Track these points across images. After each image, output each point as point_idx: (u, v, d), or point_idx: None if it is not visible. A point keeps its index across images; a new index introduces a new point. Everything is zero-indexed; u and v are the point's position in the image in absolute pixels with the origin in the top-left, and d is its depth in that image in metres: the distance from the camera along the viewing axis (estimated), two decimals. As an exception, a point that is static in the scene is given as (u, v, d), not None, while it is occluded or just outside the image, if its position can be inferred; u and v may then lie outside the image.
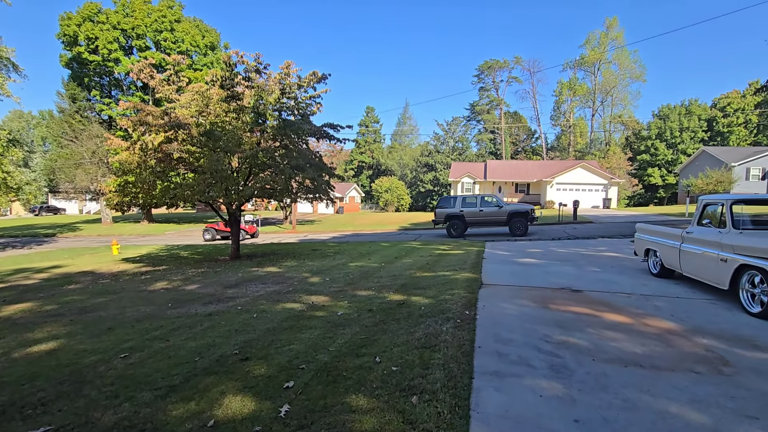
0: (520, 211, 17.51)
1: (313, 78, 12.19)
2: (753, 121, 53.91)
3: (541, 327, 4.51)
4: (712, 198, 6.11)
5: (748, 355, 3.68)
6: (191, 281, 9.00)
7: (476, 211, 17.85)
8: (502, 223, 17.54)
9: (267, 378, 3.42)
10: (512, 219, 17.26)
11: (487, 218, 17.77)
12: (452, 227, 18.06)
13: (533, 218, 17.43)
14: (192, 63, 34.02)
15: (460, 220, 17.92)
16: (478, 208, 17.88)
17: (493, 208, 17.75)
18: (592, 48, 60.57)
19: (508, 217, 17.36)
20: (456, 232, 17.98)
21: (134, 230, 31.20)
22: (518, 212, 17.48)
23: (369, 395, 3.00)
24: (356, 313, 5.36)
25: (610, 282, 6.96)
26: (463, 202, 18.24)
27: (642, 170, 53.03)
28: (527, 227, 17.21)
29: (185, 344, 4.48)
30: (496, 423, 2.63)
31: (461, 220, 17.91)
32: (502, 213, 17.53)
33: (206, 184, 10.80)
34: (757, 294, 4.80)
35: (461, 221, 17.91)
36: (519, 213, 17.44)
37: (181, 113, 11.08)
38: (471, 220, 17.91)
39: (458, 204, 18.19)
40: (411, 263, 9.88)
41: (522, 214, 17.36)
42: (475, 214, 17.85)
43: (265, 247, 17.29)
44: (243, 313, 5.74)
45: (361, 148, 71.17)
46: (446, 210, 18.28)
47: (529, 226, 17.45)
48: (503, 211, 17.55)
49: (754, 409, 2.75)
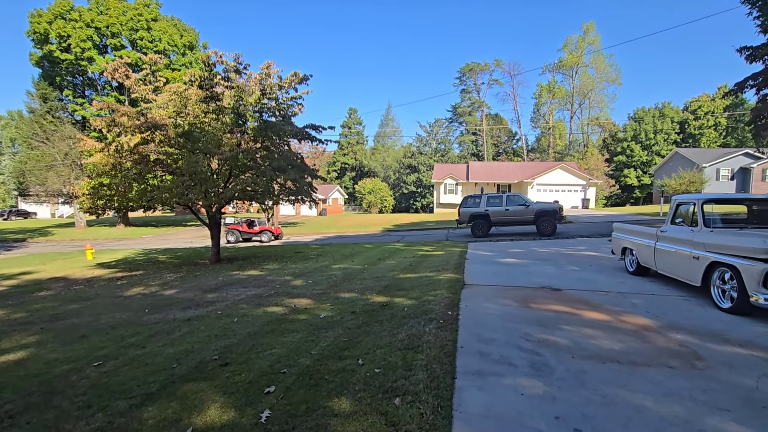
0: (548, 210, 16.88)
1: (294, 79, 12.08)
2: (722, 124, 56.17)
3: (522, 326, 4.57)
4: (684, 198, 6.32)
5: (720, 349, 3.81)
6: (169, 286, 8.77)
7: (502, 210, 17.31)
8: (529, 222, 16.98)
9: (248, 383, 3.35)
10: (540, 218, 16.67)
11: (513, 217, 17.20)
12: (477, 227, 17.46)
13: (561, 217, 16.90)
14: (170, 63, 33.29)
15: (485, 220, 17.38)
16: (504, 207, 17.32)
17: (520, 207, 17.17)
18: (570, 52, 61.99)
19: (536, 216, 16.77)
20: (481, 232, 17.37)
21: (110, 234, 30.29)
22: (546, 211, 16.83)
23: (352, 398, 2.98)
24: (339, 315, 5.32)
25: (588, 280, 7.11)
26: (488, 201, 17.70)
27: (619, 171, 54.55)
28: (555, 226, 16.71)
29: (163, 351, 4.36)
30: (479, 422, 2.64)
31: (486, 220, 17.38)
32: (529, 212, 16.94)
33: (185, 186, 10.56)
34: (728, 290, 4.98)
35: (486, 221, 17.37)
36: (547, 212, 16.79)
37: (159, 114, 10.81)
38: (496, 219, 17.39)
39: (483, 203, 17.66)
40: (394, 264, 9.88)
41: (550, 212, 16.76)
42: (500, 214, 17.31)
43: (246, 250, 17.03)
44: (223, 318, 5.62)
45: (344, 150, 71.03)
46: (471, 209, 17.73)
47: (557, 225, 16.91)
48: (530, 209, 16.97)
49: (725, 402, 2.84)
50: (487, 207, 17.49)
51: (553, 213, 16.74)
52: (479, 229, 17.44)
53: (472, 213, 17.67)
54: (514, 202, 17.48)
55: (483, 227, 17.38)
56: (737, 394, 2.96)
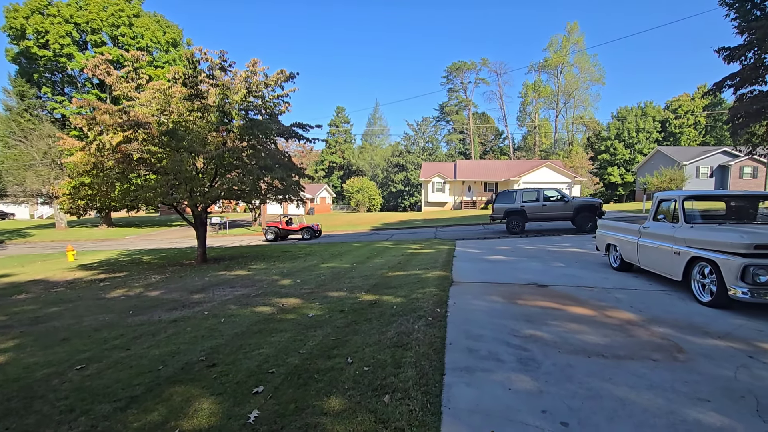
0: (588, 205, 16.23)
1: (280, 76, 11.96)
2: (702, 123, 57.62)
3: (509, 322, 4.62)
4: (665, 195, 6.46)
5: (700, 342, 3.91)
6: (154, 287, 8.63)
7: (539, 205, 16.73)
8: (568, 217, 16.32)
9: (235, 384, 3.32)
10: (579, 213, 16.01)
11: (551, 213, 16.57)
12: (512, 223, 16.86)
13: (602, 212, 15.99)
14: (153, 60, 32.67)
15: (521, 216, 16.78)
16: (541, 203, 16.74)
17: (558, 203, 16.62)
18: (555, 51, 62.80)
19: (575, 211, 16.13)
20: (517, 228, 16.75)
21: (92, 235, 29.61)
22: (586, 206, 16.18)
23: (341, 396, 2.97)
24: (328, 314, 5.30)
25: (574, 276, 7.23)
26: (523, 197, 17.17)
27: (602, 169, 55.52)
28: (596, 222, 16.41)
29: (148, 352, 4.29)
30: (467, 418, 2.66)
31: (522, 216, 16.77)
32: (568, 207, 16.34)
33: (169, 185, 10.38)
34: (707, 284, 5.12)
35: (522, 217, 16.77)
36: (587, 206, 16.12)
37: (141, 112, 10.59)
38: (533, 215, 16.78)
39: (519, 199, 17.10)
40: (383, 263, 9.89)
41: (590, 207, 16.06)
42: (537, 209, 16.72)
43: (233, 250, 16.84)
44: (210, 318, 5.55)
45: (332, 149, 70.70)
46: (506, 205, 17.24)
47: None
48: (569, 205, 16.39)
49: (706, 392, 2.93)
50: (523, 203, 16.95)
51: (594, 208, 16.06)
52: (515, 225, 16.84)
53: (507, 209, 17.10)
54: (551, 197, 16.92)
55: (518, 223, 16.80)
56: (717, 384, 3.04)
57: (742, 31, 11.85)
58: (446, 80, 72.28)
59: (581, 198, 17.89)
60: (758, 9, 11.82)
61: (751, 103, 12.08)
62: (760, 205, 6.30)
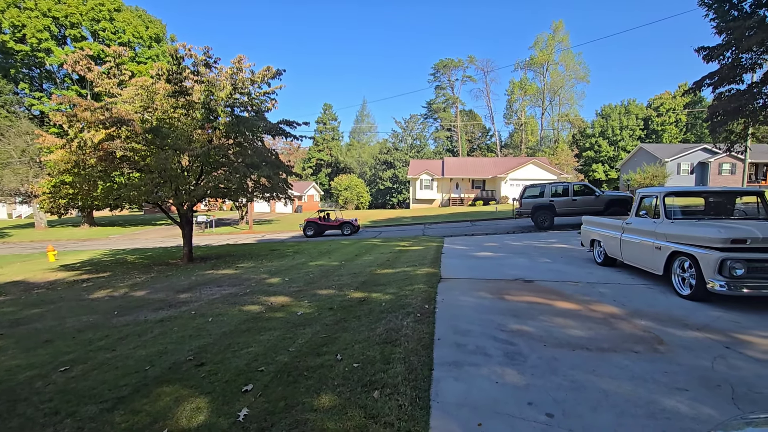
0: (619, 199, 15.74)
1: (267, 73, 11.85)
2: (682, 120, 59.00)
3: (497, 317, 4.69)
4: (647, 191, 6.62)
5: (679, 334, 4.04)
6: (139, 287, 8.49)
7: (568, 200, 16.34)
8: (599, 212, 15.40)
9: (224, 383, 3.31)
10: (610, 207, 15.47)
11: (581, 208, 15.91)
12: (540, 218, 16.51)
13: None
14: (135, 56, 32.02)
15: (550, 211, 16.40)
16: (571, 197, 16.35)
17: (589, 197, 16.15)
18: (541, 50, 63.48)
19: (606, 205, 15.58)
20: (545, 224, 16.44)
21: (73, 235, 28.94)
22: (617, 200, 15.68)
23: (330, 393, 2.99)
24: (317, 312, 5.30)
25: (559, 272, 7.36)
26: (552, 191, 16.83)
27: (587, 166, 56.47)
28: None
29: (134, 353, 4.23)
30: (456, 411, 2.71)
31: (551, 211, 16.39)
32: (598, 202, 15.79)
33: (154, 184, 10.20)
34: (687, 278, 5.27)
35: (551, 212, 16.39)
36: (618, 200, 15.63)
37: (124, 109, 10.37)
38: (562, 210, 16.35)
39: (547, 193, 16.80)
40: (371, 260, 9.90)
41: (621, 201, 15.58)
42: (567, 204, 16.30)
43: (220, 249, 16.66)
44: (197, 318, 5.50)
45: (319, 146, 70.33)
46: (534, 200, 16.90)
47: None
48: (600, 199, 15.86)
49: (684, 382, 3.03)
50: (551, 197, 16.64)
51: (625, 202, 15.54)
52: (543, 221, 16.50)
53: (535, 204, 16.74)
54: (581, 191, 16.52)
55: (547, 218, 16.47)
56: (695, 374, 3.15)
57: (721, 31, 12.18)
58: (434, 77, 72.58)
59: (611, 192, 17.56)
60: (735, 9, 12.16)
61: (729, 102, 12.43)
62: (737, 201, 6.50)
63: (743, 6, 12.12)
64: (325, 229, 21.69)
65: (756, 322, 4.34)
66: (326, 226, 21.50)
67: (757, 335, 3.98)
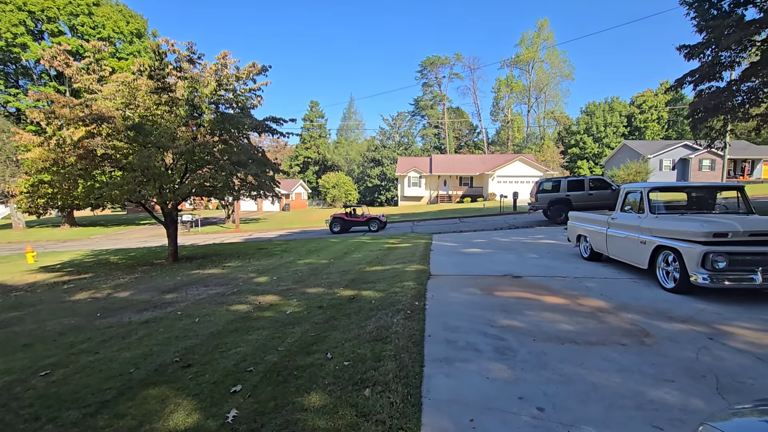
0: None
1: (252, 69, 11.66)
2: (664, 118, 60.28)
3: (486, 313, 4.71)
4: (632, 187, 6.73)
5: (665, 326, 4.11)
6: (123, 288, 8.31)
7: (584, 194, 16.21)
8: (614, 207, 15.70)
9: (212, 384, 3.24)
10: None
11: (596, 202, 15.74)
12: (556, 213, 16.37)
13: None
14: (116, 51, 31.25)
15: (566, 205, 16.20)
16: (587, 191, 16.26)
17: (604, 191, 16.10)
18: (527, 47, 64.07)
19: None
20: (561, 218, 16.00)
21: (53, 235, 28.19)
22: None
23: (321, 392, 2.95)
24: (306, 310, 5.25)
25: (547, 267, 7.44)
26: (568, 186, 16.68)
27: (573, 163, 57.31)
28: None
29: (118, 355, 4.13)
30: (447, 407, 2.70)
31: (567, 205, 16.19)
32: (614, 195, 15.46)
33: (137, 182, 9.97)
34: (671, 271, 5.37)
35: (567, 206, 16.14)
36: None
37: (105, 105, 10.09)
38: (578, 204, 16.05)
39: (563, 187, 16.68)
40: (361, 258, 9.87)
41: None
42: (583, 198, 16.15)
43: (206, 248, 16.41)
44: (183, 318, 5.39)
45: (307, 144, 69.83)
46: (550, 194, 16.75)
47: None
48: (616, 192, 15.24)
49: (671, 373, 3.08)
50: (567, 191, 16.57)
51: None
52: (558, 215, 16.28)
53: (551, 198, 16.64)
54: (597, 185, 16.45)
55: (563, 212, 16.08)
56: (680, 366, 3.21)
57: (701, 30, 12.45)
58: (421, 75, 72.62)
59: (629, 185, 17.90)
60: (715, 9, 12.44)
61: (709, 99, 12.73)
62: (718, 196, 6.65)
63: (722, 5, 12.41)
64: (352, 225, 20.76)
65: (737, 314, 4.44)
66: (353, 221, 20.62)
67: (739, 326, 4.07)
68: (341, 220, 20.63)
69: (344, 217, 20.70)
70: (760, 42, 11.99)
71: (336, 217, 20.86)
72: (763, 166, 38.51)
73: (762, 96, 12.48)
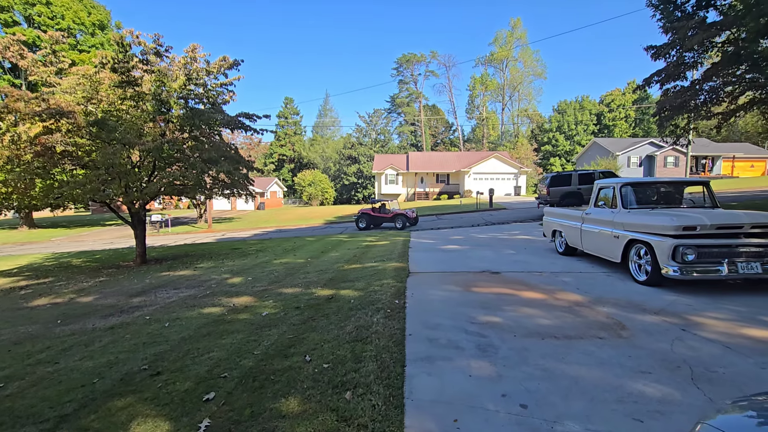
0: None
1: (223, 63, 11.27)
2: (631, 116, 62.61)
3: (466, 309, 4.69)
4: (604, 182, 6.88)
5: (640, 318, 4.20)
6: (87, 292, 7.87)
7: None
8: None
9: (183, 392, 3.07)
10: None
11: None
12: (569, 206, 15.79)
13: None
14: (77, 43, 29.72)
15: (579, 199, 16.17)
16: None
17: None
18: (500, 46, 65.10)
19: None
20: None
21: (10, 238, 26.60)
22: None
23: (300, 397, 2.84)
24: (283, 312, 5.09)
25: (524, 262, 7.53)
26: (579, 179, 16.60)
27: (546, 160, 58.77)
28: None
29: (80, 365, 3.87)
30: (430, 408, 2.64)
31: (580, 199, 16.16)
32: None
33: (100, 181, 9.45)
34: (643, 264, 5.51)
35: (579, 200, 16.13)
36: None
37: (64, 99, 9.51)
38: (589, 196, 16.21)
39: (575, 181, 16.63)
40: (338, 256, 9.73)
41: None
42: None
43: (177, 249, 15.83)
44: (152, 323, 5.13)
45: (281, 141, 68.65)
46: (562, 188, 16.57)
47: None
48: None
49: (647, 365, 3.13)
50: (579, 185, 16.58)
51: None
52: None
53: (564, 192, 16.45)
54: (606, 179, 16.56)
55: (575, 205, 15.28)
56: (656, 357, 3.27)
57: (666, 31, 12.93)
58: (397, 72, 72.66)
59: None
60: (679, 11, 12.95)
61: (675, 98, 13.25)
62: (685, 191, 6.89)
63: (686, 7, 12.91)
64: (382, 222, 19.06)
65: (706, 304, 4.60)
66: (382, 218, 19.00)
67: (708, 316, 4.21)
68: (367, 215, 19.24)
69: (369, 212, 19.29)
70: (720, 44, 12.55)
71: (363, 212, 19.49)
72: (722, 162, 40.59)
73: (722, 95, 13.08)
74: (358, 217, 19.52)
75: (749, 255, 4.82)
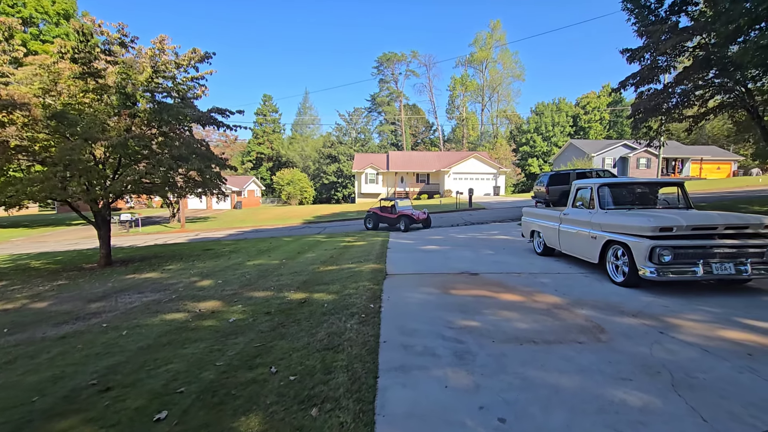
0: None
1: (193, 56, 10.78)
2: (606, 119, 64.32)
3: (444, 313, 4.53)
4: (582, 183, 6.86)
5: (618, 321, 4.12)
6: (41, 297, 7.35)
7: None
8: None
9: (133, 411, 2.78)
10: None
11: None
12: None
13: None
14: (40, 33, 28.24)
15: None
16: None
17: None
18: (480, 47, 65.72)
19: None
20: None
21: (-33, 238, 25.04)
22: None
23: (262, 414, 2.60)
24: (251, 318, 4.81)
25: (503, 263, 7.45)
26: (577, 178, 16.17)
27: (524, 160, 59.69)
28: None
29: (21, 380, 3.50)
30: (403, 424, 2.46)
31: None
32: None
33: (59, 178, 8.87)
34: (620, 265, 5.48)
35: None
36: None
37: (19, 91, 8.88)
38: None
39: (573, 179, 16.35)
40: (314, 257, 9.45)
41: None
42: None
43: (146, 250, 15.16)
44: (109, 332, 4.76)
45: (259, 139, 67.41)
46: (561, 187, 15.34)
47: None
48: None
49: (627, 371, 3.03)
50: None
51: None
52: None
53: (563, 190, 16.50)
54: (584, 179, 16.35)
55: None
56: (636, 362, 3.18)
57: (641, 35, 13.20)
58: (377, 71, 72.44)
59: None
60: (653, 15, 13.23)
61: (649, 100, 13.55)
62: (660, 192, 6.94)
63: (659, 12, 13.19)
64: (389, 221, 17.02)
65: (681, 306, 4.58)
66: (389, 217, 17.01)
67: (685, 318, 4.17)
68: (375, 214, 17.63)
69: (377, 212, 17.65)
70: (691, 48, 12.88)
71: (373, 211, 17.90)
72: (690, 164, 42.11)
73: (693, 99, 13.44)
74: (367, 217, 18.05)
75: (723, 256, 4.84)
